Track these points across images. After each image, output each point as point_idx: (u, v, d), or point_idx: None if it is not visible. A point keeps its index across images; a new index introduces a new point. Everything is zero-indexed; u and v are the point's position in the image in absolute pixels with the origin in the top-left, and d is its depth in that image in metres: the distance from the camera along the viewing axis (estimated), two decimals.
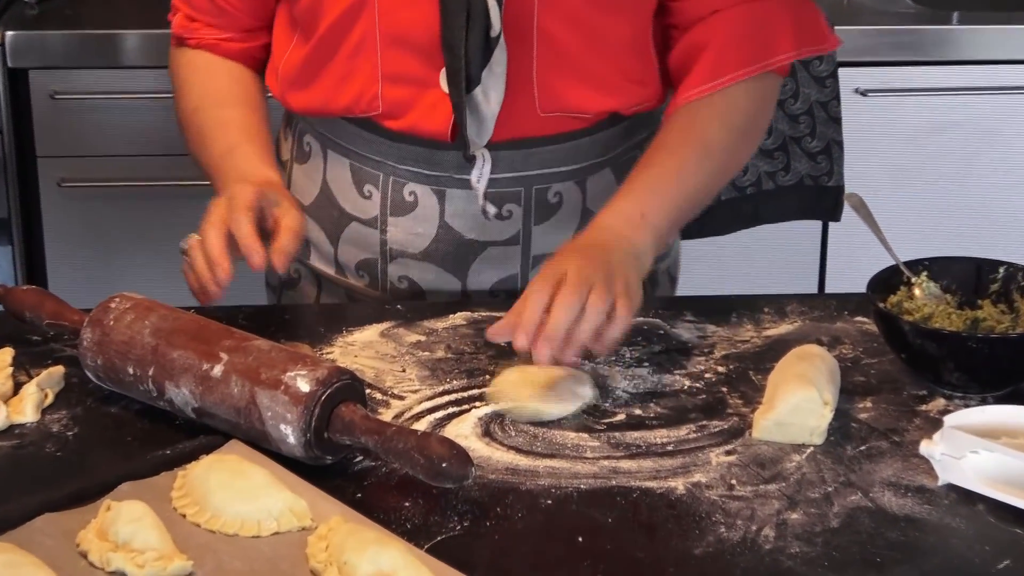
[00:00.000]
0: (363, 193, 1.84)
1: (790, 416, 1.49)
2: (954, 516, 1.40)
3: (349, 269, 1.88)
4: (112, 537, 1.31)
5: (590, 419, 1.55)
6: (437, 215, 1.82)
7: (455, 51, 1.69)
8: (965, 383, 1.59)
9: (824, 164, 2.74)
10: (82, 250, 3.04)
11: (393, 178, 1.82)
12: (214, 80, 1.85)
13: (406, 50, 1.74)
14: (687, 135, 1.74)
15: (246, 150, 1.77)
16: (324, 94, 1.79)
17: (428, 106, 1.75)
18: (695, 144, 1.74)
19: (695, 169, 1.73)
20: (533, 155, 1.79)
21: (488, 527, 1.37)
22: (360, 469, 1.45)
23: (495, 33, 1.69)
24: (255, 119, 1.82)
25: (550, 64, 1.74)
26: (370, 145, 1.81)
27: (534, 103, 1.76)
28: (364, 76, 1.76)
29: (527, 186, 1.81)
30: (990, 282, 1.68)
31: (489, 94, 1.72)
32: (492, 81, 1.71)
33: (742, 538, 1.36)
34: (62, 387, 1.59)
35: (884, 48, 3.02)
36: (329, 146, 1.85)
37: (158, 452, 1.45)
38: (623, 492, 1.43)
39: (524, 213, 1.82)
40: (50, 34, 2.93)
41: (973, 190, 3.13)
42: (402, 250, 1.84)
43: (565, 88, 1.76)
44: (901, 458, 1.49)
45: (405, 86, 1.76)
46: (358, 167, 1.83)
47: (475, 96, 1.71)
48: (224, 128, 1.80)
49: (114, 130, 2.95)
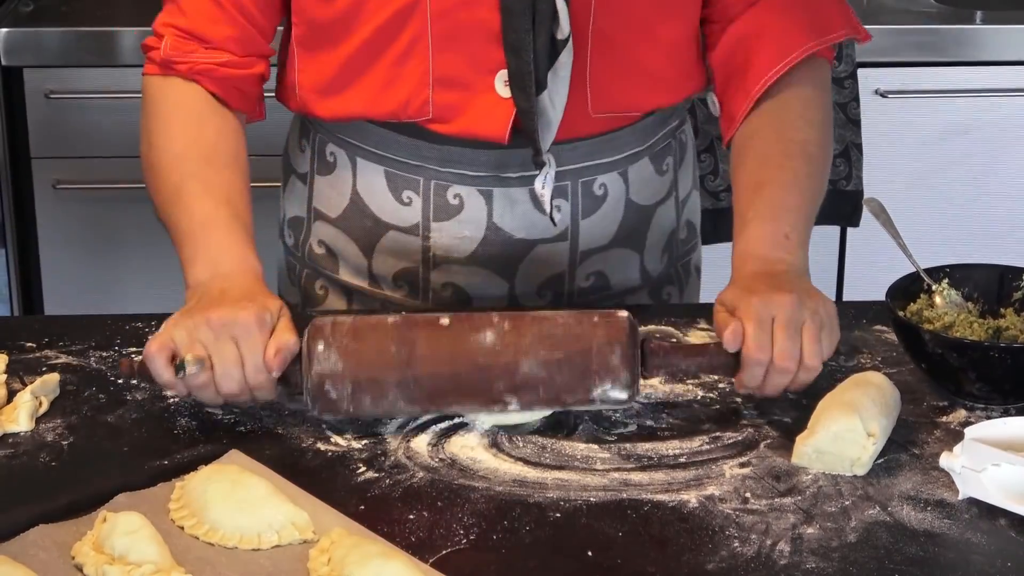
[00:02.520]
0: (402, 200, 1.79)
1: (830, 444, 1.47)
2: (975, 531, 1.38)
3: (385, 280, 1.83)
4: (108, 550, 1.30)
5: (600, 430, 1.54)
6: (485, 216, 1.78)
7: (522, 55, 1.66)
8: (987, 394, 1.58)
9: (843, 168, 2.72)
10: (77, 253, 3.03)
11: (435, 182, 1.77)
12: (203, 129, 1.70)
13: (459, 53, 1.70)
14: (786, 145, 1.74)
15: (232, 228, 1.63)
16: (365, 100, 1.74)
17: (483, 110, 1.71)
18: (798, 152, 1.73)
19: (806, 177, 1.73)
20: (577, 150, 1.77)
21: (495, 541, 1.36)
22: (363, 481, 1.44)
23: (563, 36, 1.66)
24: (240, 186, 1.68)
25: (604, 65, 1.73)
26: (408, 150, 1.77)
27: (587, 104, 1.74)
28: (413, 80, 1.71)
29: (573, 179, 1.79)
30: (1013, 290, 1.67)
31: (554, 98, 1.69)
32: (557, 85, 1.69)
33: (756, 553, 1.35)
34: (57, 395, 1.58)
35: (905, 48, 3.00)
36: (358, 154, 1.80)
37: (155, 462, 1.45)
38: (634, 505, 1.41)
39: (572, 207, 1.80)
40: (45, 32, 2.92)
41: (996, 195, 3.11)
42: (446, 256, 1.80)
43: (618, 88, 1.75)
44: (920, 471, 1.47)
45: (457, 90, 1.71)
46: (395, 173, 1.79)
47: (543, 100, 1.69)
48: (208, 193, 1.65)
49: (110, 131, 2.94)
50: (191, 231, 1.63)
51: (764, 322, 1.53)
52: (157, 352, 1.49)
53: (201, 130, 1.70)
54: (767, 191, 1.70)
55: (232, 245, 1.61)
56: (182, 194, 1.65)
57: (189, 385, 1.50)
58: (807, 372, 1.53)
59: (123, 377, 1.59)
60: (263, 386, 1.50)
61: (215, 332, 1.50)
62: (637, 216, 1.83)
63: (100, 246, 3.02)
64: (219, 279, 1.57)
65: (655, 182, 1.84)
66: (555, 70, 1.68)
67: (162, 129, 1.71)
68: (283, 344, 1.50)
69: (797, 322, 1.53)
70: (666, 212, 1.87)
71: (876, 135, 2.93)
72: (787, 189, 1.70)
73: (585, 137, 1.77)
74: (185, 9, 1.72)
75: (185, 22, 1.72)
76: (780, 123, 1.75)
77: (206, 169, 1.67)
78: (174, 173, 1.67)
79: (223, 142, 1.70)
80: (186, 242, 1.63)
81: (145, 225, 2.98)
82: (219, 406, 1.53)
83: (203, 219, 1.63)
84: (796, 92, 1.76)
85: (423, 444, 1.50)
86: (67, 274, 3.03)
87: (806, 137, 1.75)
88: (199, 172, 1.67)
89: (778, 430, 1.54)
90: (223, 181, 1.67)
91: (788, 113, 1.75)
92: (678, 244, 1.90)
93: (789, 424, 1.54)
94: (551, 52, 1.67)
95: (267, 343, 1.50)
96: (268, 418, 1.54)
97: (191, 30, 1.72)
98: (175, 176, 1.67)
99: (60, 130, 2.94)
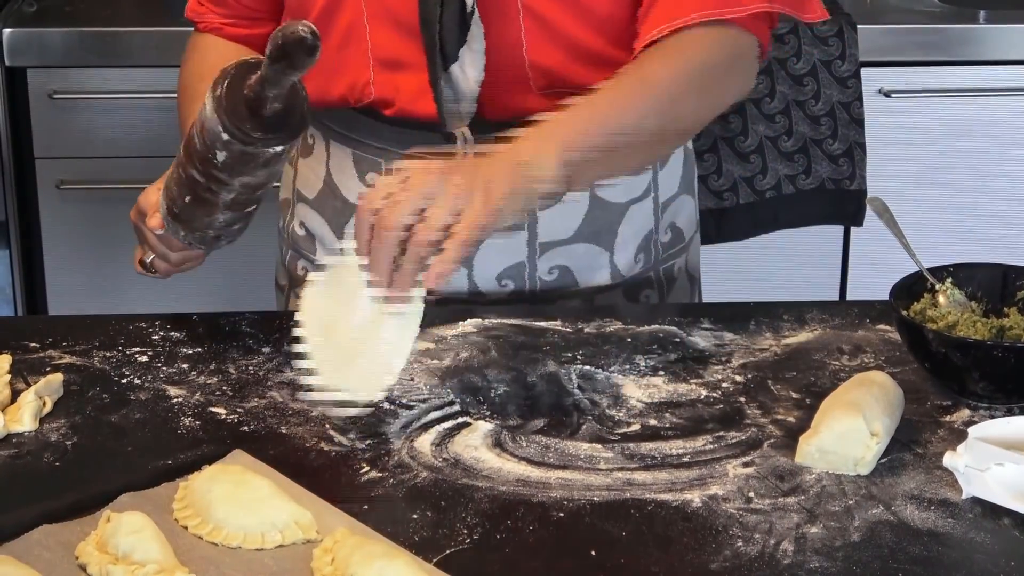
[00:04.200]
0: (366, 182, 1.82)
1: (834, 444, 1.46)
2: (979, 530, 1.38)
3: None
4: (112, 549, 1.30)
5: (604, 430, 1.54)
6: None
7: (431, 28, 1.69)
8: (991, 393, 1.57)
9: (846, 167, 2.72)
10: (81, 254, 3.03)
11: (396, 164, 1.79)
12: (208, 57, 1.85)
13: (394, 32, 1.74)
14: (627, 71, 1.64)
15: None
16: (320, 85, 1.77)
17: (416, 89, 1.75)
18: (633, 78, 1.63)
19: (630, 103, 1.61)
20: None
21: (498, 540, 1.36)
22: (366, 481, 1.44)
23: (469, 8, 1.69)
24: None
25: (539, 39, 1.73)
26: (371, 132, 1.80)
27: (527, 80, 1.74)
28: (356, 64, 1.76)
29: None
30: (1017, 289, 1.66)
31: (467, 71, 1.71)
32: (470, 57, 1.71)
33: (760, 552, 1.34)
34: (61, 395, 1.57)
35: (908, 47, 3.00)
36: (331, 136, 1.85)
37: (159, 462, 1.45)
38: (637, 505, 1.41)
39: None
40: (49, 32, 2.91)
41: (1000, 194, 3.10)
42: None
43: (558, 63, 1.74)
44: (924, 470, 1.47)
45: (396, 71, 1.75)
46: (360, 155, 1.82)
47: (452, 72, 1.71)
48: (196, 99, 1.73)
49: (114, 131, 2.93)
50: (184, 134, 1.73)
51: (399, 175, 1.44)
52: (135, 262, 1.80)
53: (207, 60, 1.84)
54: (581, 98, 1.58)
55: None
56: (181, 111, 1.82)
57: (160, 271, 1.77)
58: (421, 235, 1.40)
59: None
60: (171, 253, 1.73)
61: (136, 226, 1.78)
62: (604, 212, 1.82)
63: (104, 246, 3.02)
64: None
65: (627, 181, 1.82)
66: (468, 43, 1.70)
67: (182, 69, 1.88)
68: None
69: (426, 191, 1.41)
70: (641, 211, 1.85)
71: (880, 134, 2.92)
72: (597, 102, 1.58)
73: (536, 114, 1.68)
74: None
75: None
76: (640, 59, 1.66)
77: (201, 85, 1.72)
78: (180, 98, 1.85)
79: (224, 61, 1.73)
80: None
81: None
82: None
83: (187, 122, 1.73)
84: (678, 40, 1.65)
85: (427, 444, 1.50)
86: (71, 274, 3.03)
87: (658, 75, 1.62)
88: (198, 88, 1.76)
89: (781, 429, 1.53)
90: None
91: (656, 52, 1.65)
92: (659, 246, 1.88)
93: (792, 423, 1.54)
94: (462, 24, 1.69)
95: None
96: (272, 418, 1.54)
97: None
98: (180, 101, 1.84)
99: (64, 130, 2.94)
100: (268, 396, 1.58)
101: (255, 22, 1.88)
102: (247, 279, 2.47)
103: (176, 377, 1.62)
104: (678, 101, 1.63)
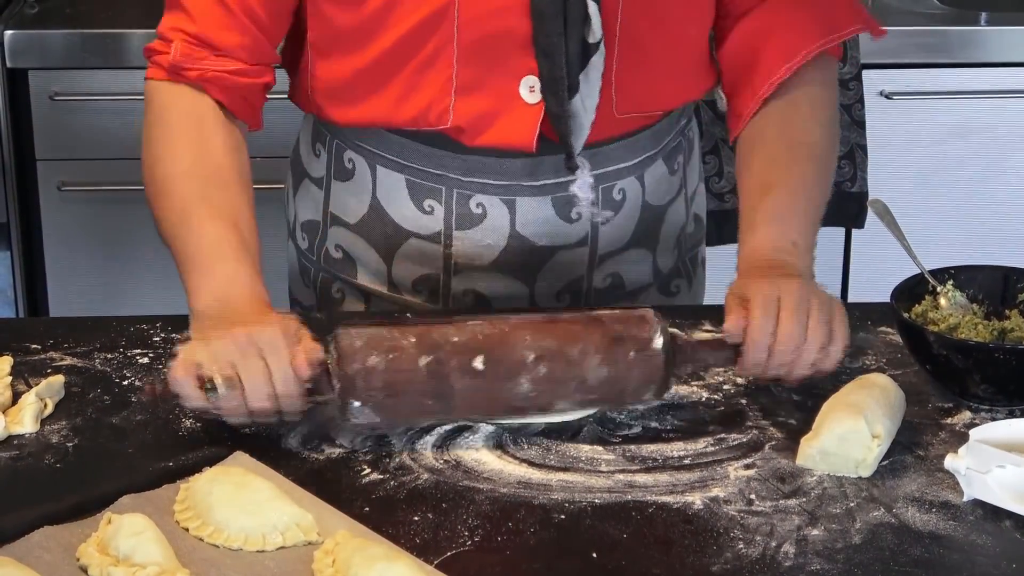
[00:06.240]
0: (423, 209, 1.77)
1: (835, 446, 1.46)
2: (980, 533, 1.38)
3: (404, 286, 1.82)
4: (113, 551, 1.30)
5: (605, 431, 1.53)
6: (508, 225, 1.77)
7: (554, 59, 1.65)
8: (992, 396, 1.57)
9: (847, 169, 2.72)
10: (82, 256, 3.03)
11: (458, 191, 1.76)
12: (210, 144, 1.66)
13: (484, 61, 1.68)
14: (794, 147, 1.73)
15: (240, 257, 1.58)
16: (384, 108, 1.71)
17: (510, 119, 1.70)
18: (806, 155, 1.73)
19: (814, 181, 1.72)
20: (596, 155, 1.76)
21: (499, 542, 1.36)
22: (367, 483, 1.44)
23: (595, 39, 1.66)
24: (247, 207, 1.64)
25: (630, 65, 1.72)
26: (430, 159, 1.75)
27: (611, 105, 1.73)
28: (434, 89, 1.69)
29: (594, 186, 1.78)
30: (1018, 291, 1.66)
31: (586, 101, 1.68)
32: (588, 88, 1.68)
33: (761, 555, 1.34)
34: (62, 397, 1.57)
35: (910, 50, 2.99)
36: (379, 161, 1.78)
37: (160, 464, 1.44)
38: (639, 507, 1.41)
39: (592, 213, 1.79)
40: (50, 33, 2.91)
41: (1001, 196, 3.10)
42: (468, 263, 1.79)
43: (642, 88, 1.74)
44: (925, 473, 1.47)
45: (479, 97, 1.70)
46: (416, 182, 1.77)
47: (574, 104, 1.68)
48: (216, 216, 1.60)
49: (115, 132, 2.93)
50: (198, 257, 1.58)
51: (770, 305, 1.52)
52: (184, 376, 1.45)
53: (208, 146, 1.66)
54: (775, 194, 1.69)
55: (241, 275, 1.56)
56: (189, 216, 1.61)
57: (219, 406, 1.45)
58: (809, 353, 1.52)
59: (148, 401, 1.54)
60: (292, 396, 1.46)
61: (241, 348, 1.45)
62: (651, 216, 1.83)
63: (105, 248, 3.02)
64: (229, 308, 1.53)
65: (667, 182, 1.84)
66: (586, 73, 1.67)
67: (167, 141, 1.68)
68: (311, 351, 1.47)
69: (803, 305, 1.52)
70: (676, 210, 1.87)
71: (881, 137, 2.92)
72: (795, 193, 1.69)
73: (607, 140, 1.75)
74: (193, 14, 1.67)
75: (194, 27, 1.67)
76: (788, 123, 1.74)
77: (213, 190, 1.63)
78: (181, 192, 1.63)
79: (229, 159, 1.66)
80: (192, 268, 1.58)
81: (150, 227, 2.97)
82: (245, 425, 1.49)
83: (211, 245, 1.58)
84: (805, 91, 1.75)
85: (428, 446, 1.50)
86: (72, 276, 3.03)
87: (814, 139, 1.74)
88: (206, 193, 1.63)
89: (783, 432, 1.53)
90: (230, 203, 1.62)
91: (796, 113, 1.75)
92: (686, 238, 1.90)
93: (794, 426, 1.54)
94: (583, 55, 1.66)
95: (294, 354, 1.46)
96: None
97: (201, 36, 1.67)
98: (182, 195, 1.63)
99: (65, 132, 2.93)
100: None
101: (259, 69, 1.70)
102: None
103: None
104: (834, 151, 1.81)
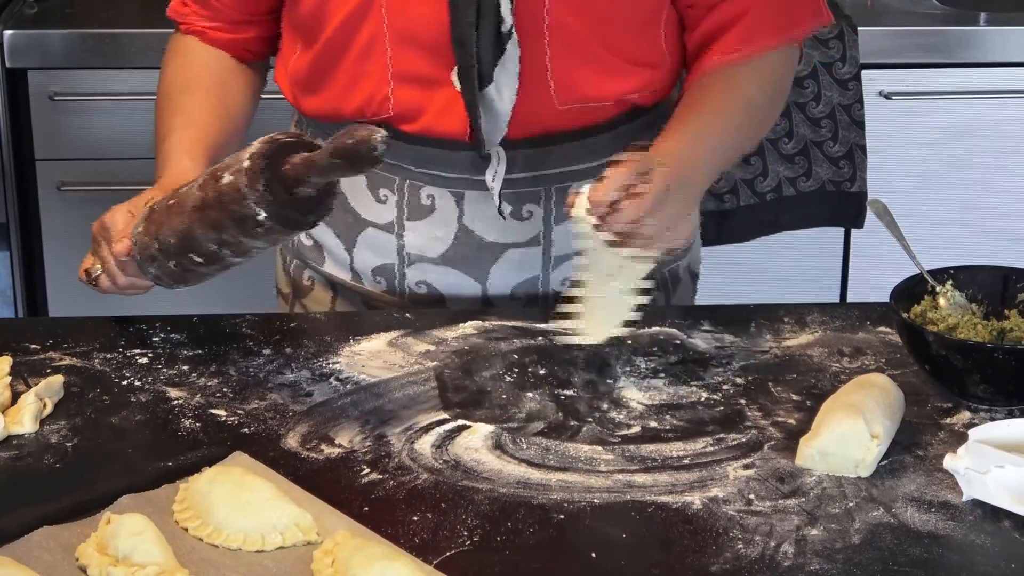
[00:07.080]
0: (378, 198, 1.82)
1: (834, 446, 1.46)
2: (979, 533, 1.38)
3: (365, 275, 1.86)
4: (112, 551, 1.30)
5: (604, 432, 1.54)
6: (456, 218, 1.80)
7: (466, 48, 1.68)
8: (991, 396, 1.57)
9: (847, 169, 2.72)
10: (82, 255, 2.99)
11: (409, 182, 1.80)
12: (189, 66, 1.86)
13: (416, 49, 1.73)
14: (730, 92, 1.76)
15: (180, 136, 1.77)
16: (334, 98, 1.78)
17: (442, 106, 1.74)
18: (738, 101, 1.76)
19: (736, 126, 1.76)
20: (551, 153, 1.78)
21: (498, 542, 1.36)
22: (367, 483, 1.44)
23: (507, 28, 1.68)
24: (210, 105, 1.83)
25: (563, 55, 1.74)
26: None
27: (551, 97, 1.75)
28: (374, 78, 1.75)
29: (547, 185, 1.80)
30: (1017, 291, 1.66)
31: (502, 91, 1.71)
32: (505, 77, 1.71)
33: (760, 555, 1.34)
34: (61, 397, 1.57)
35: (909, 50, 2.99)
36: None
37: (159, 464, 1.45)
38: (638, 507, 1.41)
39: (544, 213, 1.81)
40: (49, 33, 2.91)
41: (1000, 196, 3.10)
42: (420, 255, 1.83)
43: (580, 78, 1.75)
44: (924, 473, 1.47)
45: (417, 86, 1.75)
46: (372, 172, 1.81)
47: (488, 93, 1.71)
48: (175, 113, 1.81)
49: (115, 133, 2.93)
50: (156, 149, 1.81)
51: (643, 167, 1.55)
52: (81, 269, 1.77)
53: (188, 68, 1.86)
54: (695, 118, 1.72)
55: (169, 155, 1.76)
56: (157, 121, 1.83)
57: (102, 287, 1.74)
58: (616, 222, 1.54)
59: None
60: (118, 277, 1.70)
61: (96, 239, 1.76)
62: None
63: None
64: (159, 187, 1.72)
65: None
66: (503, 63, 1.70)
67: (161, 74, 1.89)
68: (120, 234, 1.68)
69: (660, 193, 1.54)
70: None
71: (880, 137, 2.92)
72: (712, 126, 1.72)
73: (557, 132, 1.77)
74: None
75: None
76: (734, 77, 1.77)
77: (180, 96, 1.83)
78: (157, 105, 1.86)
79: (207, 74, 1.85)
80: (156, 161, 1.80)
81: None
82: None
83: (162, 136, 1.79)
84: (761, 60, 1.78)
85: (427, 446, 1.50)
86: (71, 276, 3.01)
87: (756, 96, 1.78)
88: (175, 99, 1.83)
89: (782, 432, 1.53)
90: (191, 102, 1.82)
91: (748, 72, 1.77)
92: None
93: (793, 426, 1.54)
94: (497, 45, 1.69)
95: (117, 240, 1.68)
96: (272, 420, 1.54)
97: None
98: (157, 108, 1.85)
99: (64, 132, 2.93)
100: (269, 398, 1.58)
101: (239, 26, 1.87)
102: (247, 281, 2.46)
103: (176, 379, 1.62)
104: (768, 118, 1.85)
